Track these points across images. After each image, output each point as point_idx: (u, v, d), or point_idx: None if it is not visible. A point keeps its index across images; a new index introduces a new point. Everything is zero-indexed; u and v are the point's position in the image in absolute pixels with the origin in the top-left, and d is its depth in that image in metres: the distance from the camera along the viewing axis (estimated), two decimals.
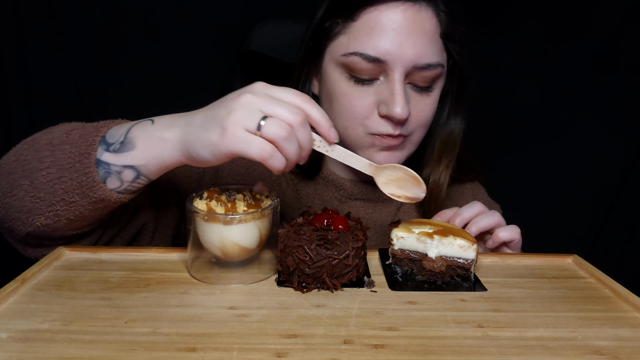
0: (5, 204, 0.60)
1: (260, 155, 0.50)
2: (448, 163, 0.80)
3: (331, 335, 0.46)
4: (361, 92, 0.71)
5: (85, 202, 0.58)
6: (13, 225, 0.61)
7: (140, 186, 0.59)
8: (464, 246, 0.58)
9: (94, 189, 0.57)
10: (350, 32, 0.71)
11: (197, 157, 0.53)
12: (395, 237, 0.60)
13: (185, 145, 0.54)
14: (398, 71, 0.68)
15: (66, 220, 0.59)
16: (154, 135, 0.56)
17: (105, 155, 0.57)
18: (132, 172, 0.57)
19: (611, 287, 0.58)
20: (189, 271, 0.58)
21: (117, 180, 0.58)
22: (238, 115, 0.50)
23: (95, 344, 0.43)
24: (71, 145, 0.58)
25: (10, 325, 0.46)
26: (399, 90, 0.68)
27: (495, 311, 0.52)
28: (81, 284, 0.54)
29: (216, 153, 0.51)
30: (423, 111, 0.74)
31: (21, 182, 0.58)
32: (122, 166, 0.57)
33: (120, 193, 0.59)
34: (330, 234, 0.56)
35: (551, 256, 0.67)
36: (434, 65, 0.70)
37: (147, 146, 0.56)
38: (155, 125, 0.56)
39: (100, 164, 0.57)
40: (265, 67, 1.05)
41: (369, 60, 0.68)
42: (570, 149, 1.35)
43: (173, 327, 0.46)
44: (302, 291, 0.54)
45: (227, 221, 0.54)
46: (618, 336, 0.48)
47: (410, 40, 0.68)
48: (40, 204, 0.58)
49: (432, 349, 0.44)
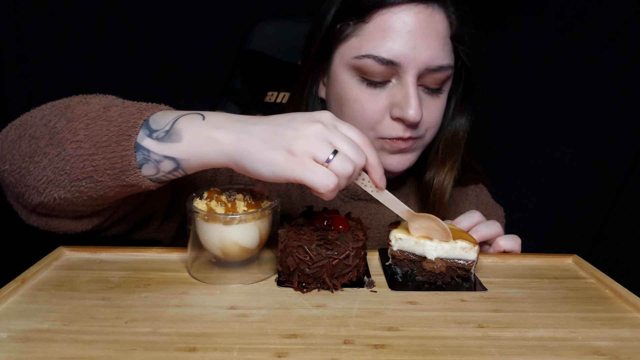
0: (23, 168, 0.56)
1: (324, 186, 0.49)
2: (452, 164, 0.80)
3: (331, 335, 0.46)
4: (373, 95, 0.71)
5: (113, 184, 0.55)
6: (25, 192, 0.57)
7: (173, 178, 0.57)
8: (465, 248, 0.58)
9: (127, 172, 0.54)
10: (362, 34, 0.70)
11: (251, 170, 0.51)
12: (394, 238, 0.60)
13: (239, 153, 0.51)
14: (411, 74, 0.68)
15: (87, 197, 0.56)
16: (204, 133, 0.53)
17: (146, 141, 0.54)
18: (172, 164, 0.55)
19: (611, 288, 0.58)
20: (189, 271, 0.58)
21: (154, 168, 0.55)
22: (308, 143, 0.50)
23: (95, 344, 0.43)
24: (109, 122, 0.54)
25: (10, 325, 0.46)
26: (412, 93, 0.68)
27: (495, 311, 0.52)
28: (81, 284, 0.54)
29: (278, 174, 0.50)
30: (433, 113, 0.74)
31: (47, 150, 0.55)
32: (164, 156, 0.54)
33: (152, 181, 0.56)
34: (330, 234, 0.56)
35: (551, 256, 0.67)
36: (446, 67, 0.70)
37: (194, 142, 0.54)
38: (207, 123, 0.54)
39: (139, 149, 0.54)
40: (265, 67, 1.05)
41: (383, 62, 0.68)
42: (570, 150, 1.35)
43: (173, 327, 0.46)
44: (302, 291, 0.54)
45: (227, 221, 0.54)
46: (618, 336, 0.48)
47: (423, 43, 0.68)
48: (63, 177, 0.54)
49: (433, 349, 0.44)
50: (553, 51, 1.28)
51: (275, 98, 1.07)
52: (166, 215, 0.71)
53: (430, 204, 0.81)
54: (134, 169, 0.53)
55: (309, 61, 0.78)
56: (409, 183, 0.87)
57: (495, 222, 0.69)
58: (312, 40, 0.77)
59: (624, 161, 1.35)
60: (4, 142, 0.58)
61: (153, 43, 1.18)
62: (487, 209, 0.89)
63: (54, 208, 0.58)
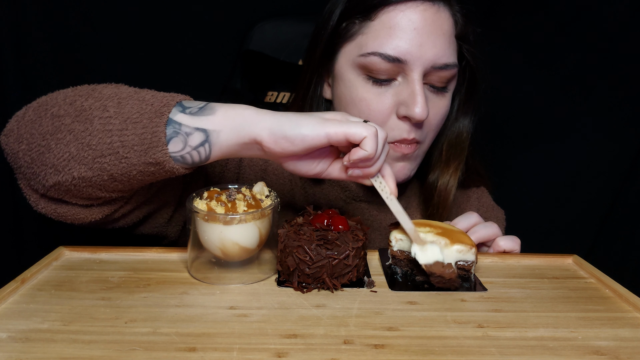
0: (43, 146, 0.55)
1: (364, 131, 0.52)
2: (457, 166, 0.80)
3: (331, 335, 0.46)
4: (379, 94, 0.70)
5: (137, 162, 0.54)
6: (41, 172, 0.56)
7: (197, 160, 0.56)
8: (462, 250, 0.58)
9: (155, 149, 0.53)
10: (368, 32, 0.70)
11: (292, 132, 0.52)
12: (394, 238, 0.60)
13: (277, 121, 0.53)
14: (417, 71, 0.68)
15: (108, 177, 0.55)
16: (238, 109, 0.55)
17: (179, 115, 0.54)
18: (201, 136, 0.54)
19: (611, 287, 0.58)
20: (189, 271, 0.58)
21: (182, 142, 0.54)
22: (339, 116, 0.55)
23: (95, 344, 0.43)
24: (141, 102, 0.55)
25: (10, 325, 0.46)
26: (419, 90, 0.68)
27: (495, 311, 0.52)
28: (81, 284, 0.54)
29: (318, 130, 0.52)
30: (438, 113, 0.73)
31: (74, 126, 0.54)
32: (195, 128, 0.54)
33: (176, 161, 0.55)
34: (330, 234, 0.56)
35: (551, 256, 0.67)
36: (451, 65, 0.70)
37: (228, 114, 0.54)
38: (241, 104, 0.56)
39: (171, 122, 0.54)
40: (265, 67, 1.05)
41: (389, 60, 0.68)
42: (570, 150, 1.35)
43: (173, 327, 0.46)
44: (302, 291, 0.54)
45: (227, 221, 0.54)
46: (618, 336, 0.48)
47: (429, 41, 0.68)
48: (87, 153, 0.53)
49: (433, 349, 0.44)
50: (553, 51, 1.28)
51: (275, 98, 1.07)
52: (175, 210, 0.70)
53: (433, 206, 0.81)
54: (161, 145, 0.53)
55: (313, 61, 0.77)
56: (411, 185, 0.87)
57: (492, 223, 0.68)
58: (317, 40, 0.77)
59: (624, 161, 1.35)
60: (20, 122, 0.57)
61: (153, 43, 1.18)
62: (487, 211, 0.89)
63: (69, 190, 0.56)
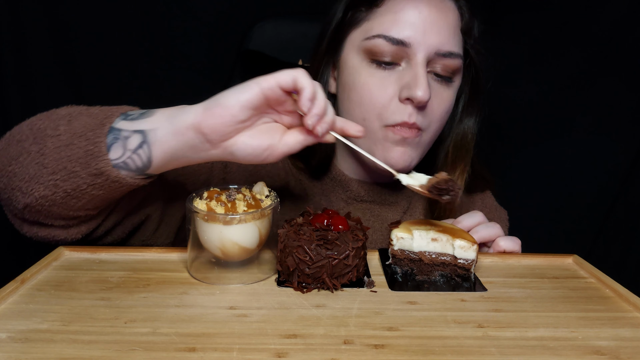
0: (9, 172, 0.58)
1: (293, 72, 0.52)
2: (463, 168, 0.79)
3: (331, 336, 0.46)
4: (382, 79, 0.71)
5: (84, 174, 0.55)
6: (12, 195, 0.59)
7: (139, 162, 0.56)
8: (464, 247, 0.58)
9: (97, 159, 0.55)
10: (374, 18, 0.71)
11: (223, 99, 0.53)
12: (395, 237, 0.60)
13: (210, 99, 0.54)
14: (421, 55, 0.68)
15: (63, 193, 0.57)
16: (175, 108, 0.56)
17: (120, 123, 0.56)
18: (139, 138, 0.56)
19: (611, 287, 0.57)
20: (189, 271, 0.58)
21: (121, 147, 0.56)
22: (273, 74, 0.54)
23: (94, 344, 0.43)
24: (89, 116, 0.57)
25: (10, 325, 0.46)
26: (421, 72, 0.68)
27: (495, 311, 0.52)
28: (80, 284, 0.54)
29: (250, 86, 0.52)
30: (441, 103, 0.73)
31: (31, 148, 0.57)
32: (132, 131, 0.56)
33: (120, 168, 0.56)
34: (330, 234, 0.56)
35: (551, 256, 0.67)
36: (455, 54, 0.71)
37: (166, 112, 0.56)
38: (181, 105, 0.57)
39: (112, 131, 0.56)
40: (265, 67, 1.05)
41: (393, 42, 0.68)
42: (570, 149, 1.35)
43: (173, 327, 0.46)
44: (302, 291, 0.54)
45: (227, 221, 0.54)
46: (618, 336, 0.48)
47: (434, 28, 0.69)
48: (43, 171, 0.56)
49: (433, 349, 0.44)
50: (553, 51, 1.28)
51: None
52: (161, 221, 0.71)
53: (440, 209, 0.80)
54: (102, 155, 0.55)
55: (319, 55, 0.79)
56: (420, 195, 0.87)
57: (495, 223, 0.68)
58: (323, 34, 0.78)
59: (624, 161, 1.35)
60: None
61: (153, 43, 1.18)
62: (491, 212, 0.89)
63: (39, 211, 0.59)
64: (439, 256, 0.59)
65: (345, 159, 0.82)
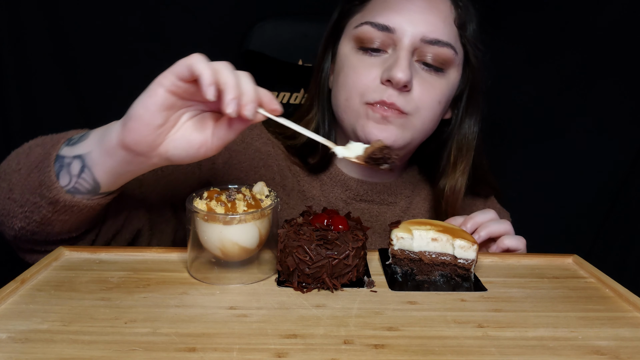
0: None
1: (187, 59, 0.48)
2: (464, 168, 0.80)
3: (331, 336, 0.46)
4: (368, 64, 0.72)
5: (44, 203, 0.57)
6: (2, 229, 0.63)
7: (87, 186, 0.57)
8: (464, 246, 0.58)
9: (50, 188, 0.56)
10: (365, 9, 0.74)
11: (132, 110, 0.51)
12: (395, 237, 0.60)
13: (124, 117, 0.53)
14: (406, 41, 0.69)
15: (35, 223, 0.59)
16: (106, 125, 0.57)
17: (64, 149, 0.58)
18: (79, 163, 0.56)
19: (611, 287, 0.57)
20: (189, 271, 0.58)
21: (67, 174, 0.57)
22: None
23: (94, 345, 0.43)
24: (42, 146, 0.59)
25: (10, 325, 0.46)
26: (403, 55, 0.69)
27: (495, 311, 0.52)
28: (81, 284, 0.54)
29: (151, 87, 0.50)
30: (429, 92, 0.72)
31: (2, 184, 0.60)
32: (72, 157, 0.57)
33: (74, 193, 0.57)
34: (330, 234, 0.56)
35: (551, 256, 0.67)
36: (444, 42, 0.71)
37: (97, 133, 0.57)
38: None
39: (58, 158, 0.57)
40: (264, 67, 1.05)
41: (379, 28, 0.70)
42: (570, 150, 1.35)
43: (173, 328, 0.46)
44: (302, 291, 0.54)
45: (227, 221, 0.54)
46: (618, 336, 0.48)
47: (422, 16, 0.70)
48: (14, 206, 0.59)
49: (432, 349, 0.44)
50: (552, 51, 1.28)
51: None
52: (152, 235, 0.73)
53: (442, 211, 0.81)
54: (53, 183, 0.57)
55: (320, 52, 0.81)
56: (421, 191, 0.87)
57: (506, 221, 0.69)
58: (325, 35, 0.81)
59: (624, 161, 1.35)
60: None
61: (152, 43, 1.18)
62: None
63: (28, 240, 0.62)
64: (439, 256, 0.59)
65: (343, 159, 0.81)
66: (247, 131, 0.83)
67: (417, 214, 0.85)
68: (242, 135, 0.82)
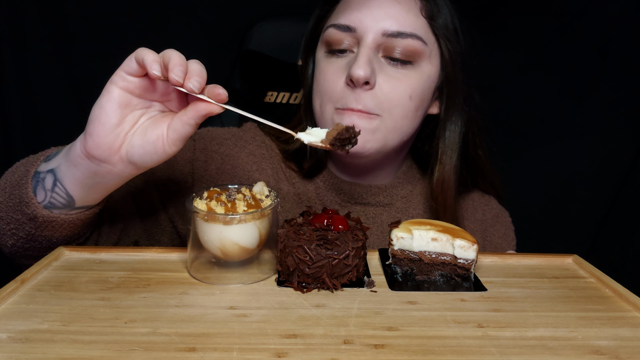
0: None
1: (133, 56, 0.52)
2: (451, 162, 0.78)
3: (331, 335, 0.46)
4: (336, 67, 0.72)
5: (25, 220, 0.59)
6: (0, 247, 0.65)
7: (61, 200, 0.58)
8: (464, 246, 0.58)
9: (28, 205, 0.58)
10: (333, 12, 0.75)
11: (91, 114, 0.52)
12: (395, 237, 0.60)
13: (86, 126, 0.54)
14: (367, 38, 0.69)
15: (21, 239, 0.61)
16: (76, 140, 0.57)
17: (41, 165, 0.59)
18: (51, 177, 0.58)
19: (611, 287, 0.57)
20: (189, 271, 0.58)
21: (42, 189, 0.58)
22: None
23: (94, 344, 0.43)
24: (24, 164, 0.61)
25: (10, 325, 0.46)
26: (363, 52, 0.69)
27: (495, 311, 0.52)
28: (80, 284, 0.54)
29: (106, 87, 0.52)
30: (395, 87, 0.70)
31: None
32: (46, 172, 0.58)
33: (51, 208, 0.59)
34: (330, 234, 0.56)
35: (551, 256, 0.67)
36: (407, 34, 0.69)
37: (65, 148, 0.58)
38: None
39: (35, 175, 0.59)
40: (264, 67, 1.05)
41: (342, 29, 0.70)
42: (570, 150, 1.35)
43: (173, 328, 0.46)
44: (302, 291, 0.54)
45: (227, 221, 0.54)
46: (618, 336, 0.48)
47: (382, 10, 0.69)
48: (2, 224, 0.61)
49: (432, 349, 0.44)
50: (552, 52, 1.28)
51: (275, 98, 1.07)
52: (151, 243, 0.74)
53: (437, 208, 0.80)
54: (31, 199, 0.58)
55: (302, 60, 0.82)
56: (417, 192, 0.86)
57: None
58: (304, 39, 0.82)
59: (624, 161, 1.35)
60: None
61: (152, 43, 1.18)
62: (493, 215, 0.89)
63: (23, 256, 0.64)
64: (439, 256, 0.59)
65: (338, 160, 0.81)
66: (241, 134, 0.84)
67: (415, 214, 0.84)
68: (235, 139, 0.82)
